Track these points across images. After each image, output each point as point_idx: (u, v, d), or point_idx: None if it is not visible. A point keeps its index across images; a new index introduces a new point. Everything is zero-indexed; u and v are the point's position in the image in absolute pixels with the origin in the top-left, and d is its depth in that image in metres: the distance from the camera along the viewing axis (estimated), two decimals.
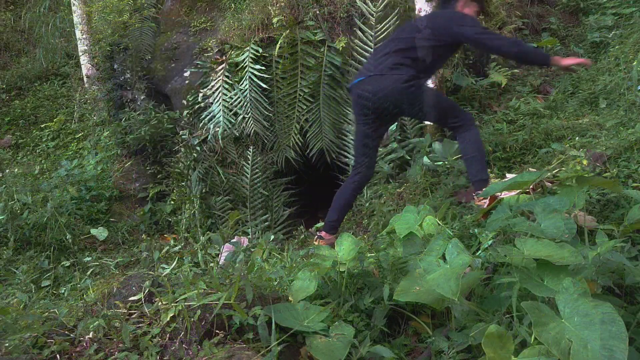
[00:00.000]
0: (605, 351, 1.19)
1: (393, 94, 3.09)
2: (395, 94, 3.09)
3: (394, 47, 3.18)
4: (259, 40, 4.47)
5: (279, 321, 1.65)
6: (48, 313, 1.68)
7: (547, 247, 1.62)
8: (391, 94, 3.09)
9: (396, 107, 3.15)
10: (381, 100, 3.11)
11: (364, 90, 3.15)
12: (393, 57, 3.15)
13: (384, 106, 3.14)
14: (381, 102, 3.12)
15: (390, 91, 3.08)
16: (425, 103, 3.13)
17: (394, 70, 3.11)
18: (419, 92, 3.12)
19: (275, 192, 4.58)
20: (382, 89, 3.09)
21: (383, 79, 3.11)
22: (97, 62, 5.64)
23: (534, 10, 6.05)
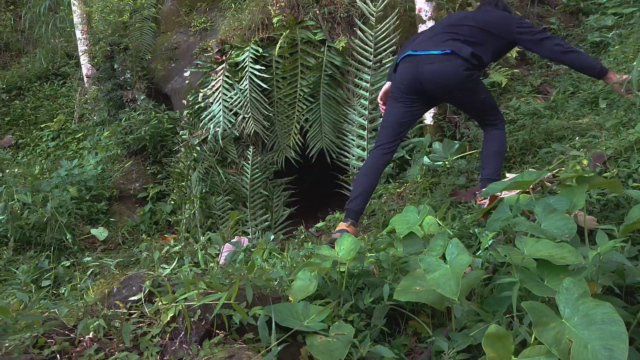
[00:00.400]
0: (606, 351, 1.19)
1: (453, 80, 2.89)
2: (456, 80, 2.89)
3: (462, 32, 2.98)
4: (259, 40, 4.48)
5: (279, 321, 1.65)
6: (48, 313, 1.68)
7: (547, 247, 1.62)
8: (451, 80, 2.89)
9: (451, 93, 2.98)
10: (438, 84, 2.92)
11: (424, 70, 2.90)
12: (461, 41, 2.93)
13: (439, 91, 2.97)
14: (438, 87, 2.94)
15: (452, 77, 2.88)
16: (478, 95, 3.00)
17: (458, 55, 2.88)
18: (477, 83, 2.99)
19: (275, 192, 4.58)
20: (444, 74, 2.88)
21: (446, 62, 2.88)
22: (97, 62, 5.64)
23: (535, 10, 6.05)
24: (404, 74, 3.02)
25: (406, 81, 3.01)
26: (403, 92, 3.04)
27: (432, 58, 2.93)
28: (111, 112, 5.55)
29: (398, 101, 3.07)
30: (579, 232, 1.89)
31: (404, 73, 3.03)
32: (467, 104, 3.14)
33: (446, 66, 2.89)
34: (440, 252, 1.72)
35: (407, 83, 3.01)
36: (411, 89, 3.01)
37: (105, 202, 4.83)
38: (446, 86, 2.95)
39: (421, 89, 3.00)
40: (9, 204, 4.14)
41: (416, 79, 2.97)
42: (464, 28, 3.03)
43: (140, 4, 5.44)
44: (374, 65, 4.33)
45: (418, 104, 3.09)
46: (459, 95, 3.00)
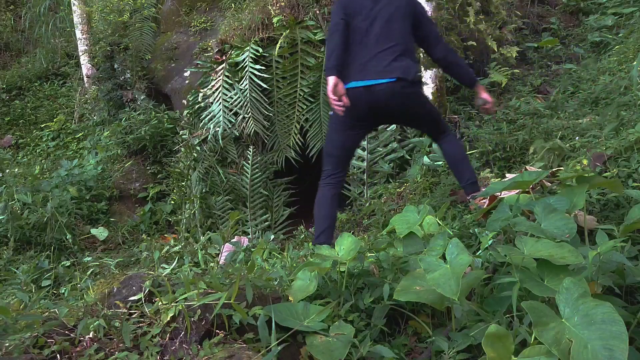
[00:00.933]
0: (606, 351, 1.19)
1: (402, 98, 2.81)
2: (404, 97, 2.81)
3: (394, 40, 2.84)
4: (259, 40, 4.48)
5: (279, 321, 1.65)
6: (48, 313, 1.68)
7: (547, 247, 1.62)
8: (401, 98, 2.81)
9: (407, 112, 2.92)
10: (390, 105, 2.83)
11: (378, 96, 2.79)
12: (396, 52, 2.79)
13: (390, 111, 2.89)
14: (389, 107, 2.85)
15: (400, 95, 2.79)
16: (426, 104, 2.98)
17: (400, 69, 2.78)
18: (422, 95, 2.96)
19: (275, 192, 4.58)
20: (394, 94, 2.77)
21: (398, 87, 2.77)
22: (97, 62, 5.65)
23: (535, 10, 6.06)
24: (356, 102, 2.80)
25: (359, 108, 2.84)
26: (355, 119, 2.90)
27: (382, 86, 2.80)
28: (111, 112, 5.55)
29: (349, 128, 2.94)
30: (579, 232, 1.89)
31: (356, 101, 2.80)
32: (422, 117, 3.02)
33: (399, 92, 2.79)
34: (440, 252, 1.72)
35: (360, 109, 2.85)
36: (364, 114, 2.88)
37: (105, 202, 4.83)
38: (404, 107, 2.87)
39: (376, 113, 2.89)
40: (9, 204, 4.14)
41: (371, 106, 2.84)
42: (396, 34, 2.86)
43: (140, 4, 5.45)
44: None
45: (369, 126, 3.07)
46: (416, 111, 2.93)
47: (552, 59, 5.39)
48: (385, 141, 4.34)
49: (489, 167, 3.55)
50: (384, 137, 4.34)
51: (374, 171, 4.35)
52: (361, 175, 4.39)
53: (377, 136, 4.38)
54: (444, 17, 4.74)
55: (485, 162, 3.63)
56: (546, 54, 5.47)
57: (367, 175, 4.36)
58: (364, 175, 4.38)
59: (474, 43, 4.83)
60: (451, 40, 4.69)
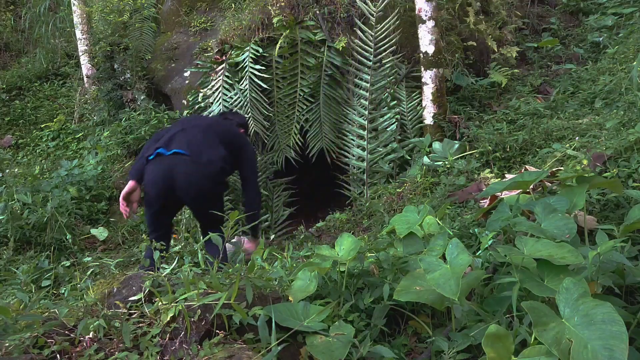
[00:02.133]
0: (605, 351, 1.19)
1: (202, 195, 3.00)
2: (204, 195, 3.01)
3: (212, 134, 3.14)
4: (259, 40, 4.47)
5: (279, 321, 1.65)
6: (48, 313, 1.68)
7: (547, 247, 1.62)
8: (201, 194, 3.00)
9: (193, 204, 3.09)
10: (188, 194, 2.99)
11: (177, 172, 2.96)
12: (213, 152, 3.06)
13: (184, 198, 3.05)
14: (186, 195, 3.01)
15: (204, 191, 2.99)
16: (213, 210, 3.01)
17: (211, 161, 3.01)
18: (220, 200, 3.15)
19: (275, 192, 4.58)
20: (197, 185, 2.97)
21: (202, 174, 2.98)
22: (97, 62, 5.64)
23: (535, 10, 6.06)
24: (156, 176, 3.02)
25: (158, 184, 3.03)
26: (155, 195, 3.07)
27: (185, 163, 2.98)
28: (111, 112, 5.54)
29: (153, 205, 3.11)
30: (579, 232, 1.89)
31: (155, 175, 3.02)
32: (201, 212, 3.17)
33: (200, 178, 2.97)
34: (440, 252, 1.72)
35: (158, 186, 3.03)
36: (163, 192, 3.02)
37: (105, 202, 4.82)
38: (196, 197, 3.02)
39: (173, 193, 3.02)
40: (9, 204, 4.14)
41: (170, 182, 2.99)
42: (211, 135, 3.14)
43: (140, 4, 5.44)
44: (374, 65, 4.33)
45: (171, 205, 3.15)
46: (204, 205, 3.04)
47: (552, 59, 5.39)
48: (385, 141, 4.34)
49: (489, 167, 3.55)
50: (384, 137, 4.34)
51: (374, 171, 4.35)
52: (361, 175, 4.39)
53: (377, 136, 4.38)
54: (444, 17, 4.74)
55: (485, 162, 3.63)
56: (546, 54, 5.47)
57: (367, 175, 4.36)
58: (364, 175, 4.38)
59: (474, 43, 4.83)
60: (451, 40, 4.69)
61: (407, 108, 4.40)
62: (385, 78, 4.35)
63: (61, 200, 4.37)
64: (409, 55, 4.56)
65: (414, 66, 4.50)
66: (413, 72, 4.51)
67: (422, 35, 4.17)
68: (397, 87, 4.48)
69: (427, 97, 4.23)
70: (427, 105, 4.24)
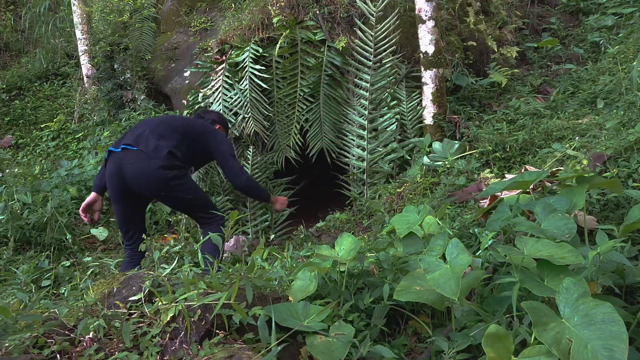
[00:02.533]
0: (605, 351, 1.19)
1: (153, 182, 3.07)
2: (156, 182, 3.08)
3: (165, 127, 3.25)
4: (259, 40, 4.47)
5: (279, 321, 1.65)
6: (48, 313, 1.68)
7: (547, 247, 1.62)
8: (151, 181, 3.07)
9: (152, 194, 3.18)
10: (139, 184, 3.08)
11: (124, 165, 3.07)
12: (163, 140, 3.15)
13: (140, 191, 3.13)
14: (139, 187, 3.09)
15: (151, 178, 3.06)
16: (184, 198, 3.19)
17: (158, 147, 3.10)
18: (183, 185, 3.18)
19: (275, 192, 4.58)
20: (144, 173, 3.05)
21: (148, 161, 3.06)
22: (97, 62, 5.64)
23: (535, 10, 6.06)
24: (111, 168, 3.15)
25: (112, 180, 3.17)
26: (113, 193, 3.22)
27: (130, 156, 3.09)
28: (111, 112, 5.54)
29: (116, 201, 3.24)
30: (579, 232, 1.89)
31: (110, 167, 3.15)
32: (173, 204, 3.35)
33: (145, 165, 3.06)
34: (440, 252, 1.72)
35: (113, 182, 3.17)
36: (118, 188, 3.16)
37: (105, 202, 4.82)
38: (148, 185, 3.10)
39: (127, 188, 3.13)
40: (9, 204, 4.14)
41: (121, 178, 3.11)
42: (163, 128, 3.26)
43: (140, 4, 5.44)
44: (374, 65, 4.33)
45: (132, 204, 3.24)
46: (163, 194, 3.15)
47: (552, 59, 5.39)
48: (385, 141, 4.35)
49: (489, 167, 3.55)
50: (384, 137, 4.34)
51: (374, 171, 4.35)
52: (361, 175, 4.39)
53: (377, 136, 4.39)
54: (444, 17, 4.74)
55: (485, 162, 3.63)
56: (546, 54, 5.47)
57: (367, 175, 4.36)
58: (364, 175, 4.38)
59: (474, 43, 4.83)
60: (451, 40, 4.70)
61: (407, 108, 4.40)
62: (385, 78, 4.35)
63: (61, 200, 4.37)
64: (409, 55, 4.56)
65: (414, 66, 4.50)
66: (413, 72, 4.51)
67: (422, 35, 4.17)
68: (397, 87, 4.48)
69: (427, 97, 4.23)
70: (427, 105, 4.24)
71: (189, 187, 3.21)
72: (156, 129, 3.25)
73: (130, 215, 3.28)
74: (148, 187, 3.09)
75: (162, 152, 3.10)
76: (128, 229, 3.30)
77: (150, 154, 3.07)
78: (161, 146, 3.12)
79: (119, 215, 3.30)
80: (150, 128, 3.25)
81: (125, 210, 3.25)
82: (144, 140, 3.14)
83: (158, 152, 3.10)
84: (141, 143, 3.12)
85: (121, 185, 3.13)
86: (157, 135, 3.19)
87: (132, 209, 3.27)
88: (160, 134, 3.21)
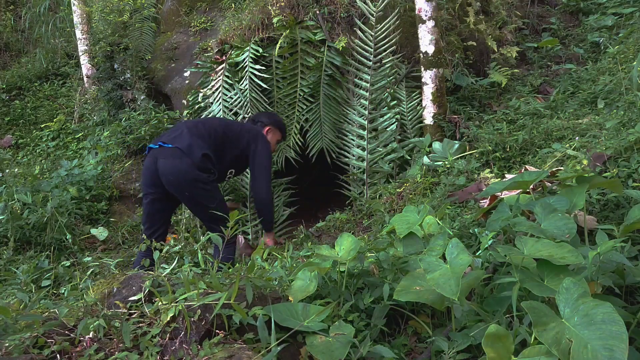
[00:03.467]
0: (605, 351, 1.19)
1: (182, 179, 3.12)
2: (184, 180, 3.12)
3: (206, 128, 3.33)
4: (259, 40, 4.47)
5: (279, 321, 1.65)
6: (48, 313, 1.68)
7: (547, 247, 1.62)
8: (180, 178, 3.12)
9: (178, 192, 3.20)
10: (168, 180, 3.13)
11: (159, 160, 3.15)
12: (199, 140, 3.22)
13: (169, 187, 3.17)
14: (168, 182, 3.14)
15: (181, 175, 3.11)
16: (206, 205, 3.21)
17: (192, 147, 3.17)
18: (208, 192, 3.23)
19: (275, 192, 4.58)
20: (175, 168, 3.11)
21: (181, 158, 3.13)
22: (97, 62, 5.64)
23: (535, 10, 6.06)
24: (144, 167, 3.32)
25: (145, 174, 3.30)
26: (144, 185, 3.34)
27: (165, 152, 3.18)
28: (111, 112, 5.54)
29: (145, 196, 3.34)
30: (579, 232, 1.89)
31: (144, 166, 3.32)
32: (194, 207, 3.35)
33: (178, 162, 3.13)
34: (440, 252, 1.72)
35: (145, 175, 3.29)
36: (150, 181, 3.25)
37: (105, 202, 4.82)
38: (176, 182, 3.15)
39: (159, 182, 3.20)
40: (9, 204, 4.14)
41: (154, 172, 3.19)
42: (200, 127, 3.34)
43: (140, 4, 5.44)
44: (374, 65, 4.33)
45: (159, 198, 3.28)
46: (187, 194, 3.19)
47: (552, 59, 5.39)
48: (385, 141, 4.35)
49: (489, 167, 3.55)
50: (384, 137, 4.34)
51: (374, 171, 4.35)
52: (361, 175, 4.39)
53: (377, 136, 4.39)
54: (444, 17, 4.74)
55: (485, 162, 3.63)
56: (546, 54, 5.47)
57: (367, 175, 4.36)
58: (364, 175, 4.38)
59: (474, 43, 4.83)
60: (451, 40, 4.70)
61: (407, 108, 4.40)
62: (385, 78, 4.35)
63: (61, 200, 4.36)
64: (409, 55, 4.56)
65: (414, 66, 4.50)
66: (413, 72, 4.51)
67: (422, 35, 4.17)
68: (397, 87, 4.48)
69: (427, 97, 4.23)
70: (427, 105, 4.24)
71: (214, 196, 3.26)
72: (193, 129, 3.32)
73: (154, 212, 3.30)
74: (176, 184, 3.12)
75: (197, 151, 3.17)
76: (149, 225, 3.32)
77: (185, 150, 3.15)
78: (196, 145, 3.19)
79: (144, 209, 3.35)
80: (188, 127, 3.33)
81: (150, 206, 3.29)
82: (180, 139, 3.23)
83: (192, 151, 3.16)
84: (177, 141, 3.21)
85: (153, 179, 3.19)
86: (193, 135, 3.25)
87: (158, 207, 3.30)
88: (197, 134, 3.28)
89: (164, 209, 3.36)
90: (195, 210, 3.42)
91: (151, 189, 3.23)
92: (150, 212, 3.30)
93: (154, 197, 3.24)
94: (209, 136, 3.29)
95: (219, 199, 3.31)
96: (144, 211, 3.35)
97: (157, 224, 3.33)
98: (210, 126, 3.39)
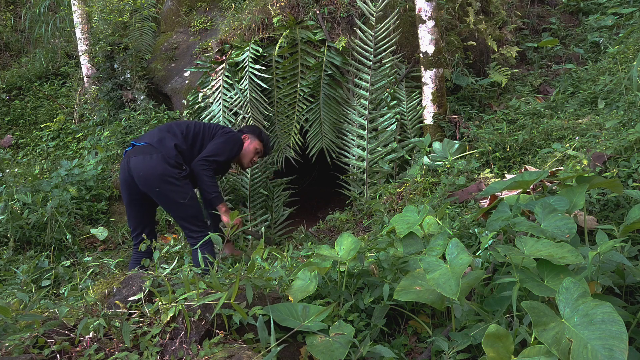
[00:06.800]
0: (606, 351, 1.19)
1: (151, 174, 3.09)
2: (153, 175, 3.10)
3: (178, 126, 3.34)
4: (259, 40, 4.47)
5: (279, 321, 1.65)
6: (48, 313, 1.68)
7: (547, 247, 1.62)
8: (149, 173, 3.09)
9: (148, 189, 3.16)
10: (139, 177, 3.11)
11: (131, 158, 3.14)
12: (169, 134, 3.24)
13: (140, 185, 3.14)
14: (139, 179, 3.12)
15: (150, 170, 3.09)
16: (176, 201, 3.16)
17: (163, 141, 3.18)
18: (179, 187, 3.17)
19: (275, 192, 4.58)
20: (145, 164, 3.10)
21: (151, 154, 3.12)
22: (97, 62, 5.64)
23: (535, 10, 6.06)
24: (120, 169, 3.28)
25: (120, 176, 3.27)
26: (121, 187, 3.30)
27: (137, 150, 3.18)
28: (111, 112, 5.54)
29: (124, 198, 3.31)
30: (579, 232, 1.89)
31: (120, 169, 3.29)
32: (165, 203, 3.25)
33: (148, 158, 3.12)
34: (440, 252, 1.72)
35: (120, 177, 3.27)
36: (124, 183, 3.23)
37: (105, 202, 4.83)
38: (146, 178, 3.12)
39: (133, 183, 3.18)
40: (9, 204, 4.14)
41: (127, 172, 3.18)
42: (173, 126, 3.36)
43: (140, 4, 5.44)
44: (374, 65, 4.33)
45: (137, 199, 3.25)
46: (157, 190, 3.14)
47: (552, 59, 5.39)
48: (385, 141, 4.35)
49: (489, 167, 3.55)
50: (384, 137, 4.34)
51: (374, 171, 4.35)
52: (361, 175, 4.39)
53: (377, 136, 4.39)
54: (444, 17, 4.74)
55: (485, 162, 3.63)
56: (546, 54, 5.47)
57: (367, 175, 4.36)
58: (364, 175, 4.38)
59: (474, 43, 4.83)
60: (451, 40, 4.70)
61: (407, 108, 4.40)
62: (385, 78, 4.35)
63: (61, 200, 4.36)
64: (409, 55, 4.56)
65: (414, 66, 4.50)
66: (413, 72, 4.51)
67: (422, 35, 4.17)
68: (397, 87, 4.48)
69: (427, 97, 4.23)
70: (427, 105, 4.24)
71: (185, 191, 3.20)
72: (165, 127, 3.37)
73: (135, 212, 3.31)
74: (146, 179, 3.12)
75: (168, 143, 3.19)
76: (134, 227, 3.34)
77: (155, 145, 3.17)
78: (167, 138, 3.22)
79: (127, 212, 3.36)
80: (160, 127, 3.40)
81: (129, 208, 3.30)
82: (151, 135, 3.27)
83: (164, 144, 3.19)
84: (148, 137, 3.25)
85: (127, 180, 3.19)
86: (164, 131, 3.30)
87: (139, 207, 3.30)
88: (169, 130, 3.32)
89: (144, 210, 3.35)
90: (167, 208, 3.36)
91: (127, 190, 3.23)
92: (131, 214, 3.32)
93: (130, 197, 3.25)
94: (180, 132, 3.32)
95: (191, 196, 3.26)
96: (127, 214, 3.38)
97: (140, 226, 3.34)
98: (186, 124, 3.41)
